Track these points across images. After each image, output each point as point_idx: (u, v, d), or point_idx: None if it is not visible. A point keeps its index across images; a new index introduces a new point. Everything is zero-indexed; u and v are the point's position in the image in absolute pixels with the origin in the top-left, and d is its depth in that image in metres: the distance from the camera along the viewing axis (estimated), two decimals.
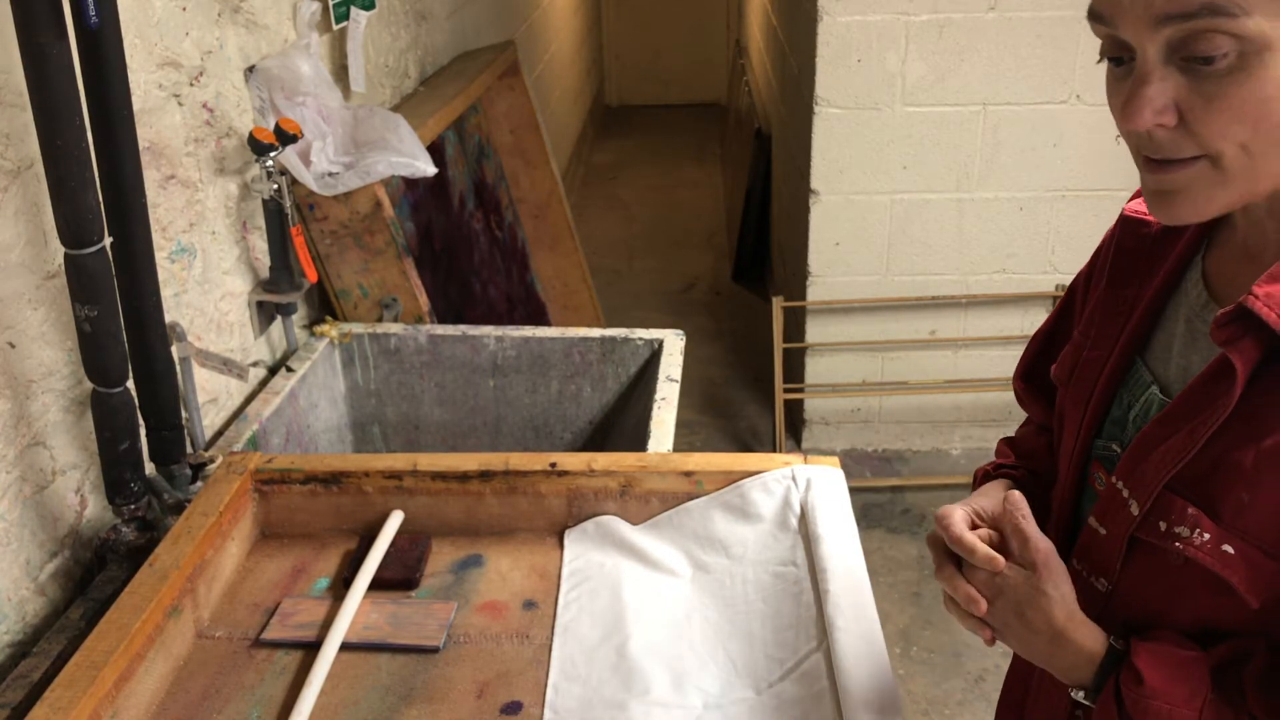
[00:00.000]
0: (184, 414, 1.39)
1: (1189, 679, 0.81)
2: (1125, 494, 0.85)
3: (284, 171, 1.68)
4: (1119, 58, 0.77)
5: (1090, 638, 0.85)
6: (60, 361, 1.27)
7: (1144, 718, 0.81)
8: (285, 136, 1.63)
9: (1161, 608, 0.85)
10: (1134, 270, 0.94)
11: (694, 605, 1.16)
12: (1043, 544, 0.86)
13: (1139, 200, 0.95)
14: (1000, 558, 0.88)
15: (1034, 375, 1.12)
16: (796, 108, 3.36)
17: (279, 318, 1.80)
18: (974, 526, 0.93)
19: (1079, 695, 0.87)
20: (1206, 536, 0.79)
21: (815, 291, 3.21)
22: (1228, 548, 0.78)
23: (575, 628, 1.12)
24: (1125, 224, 0.96)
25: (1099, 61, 0.80)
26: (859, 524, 1.28)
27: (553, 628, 1.13)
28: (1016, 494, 0.89)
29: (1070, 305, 1.08)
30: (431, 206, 2.40)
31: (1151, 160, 0.77)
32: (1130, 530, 0.85)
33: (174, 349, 1.39)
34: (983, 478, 1.09)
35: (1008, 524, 0.88)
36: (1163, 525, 0.82)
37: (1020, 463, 1.09)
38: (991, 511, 0.93)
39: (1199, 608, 0.83)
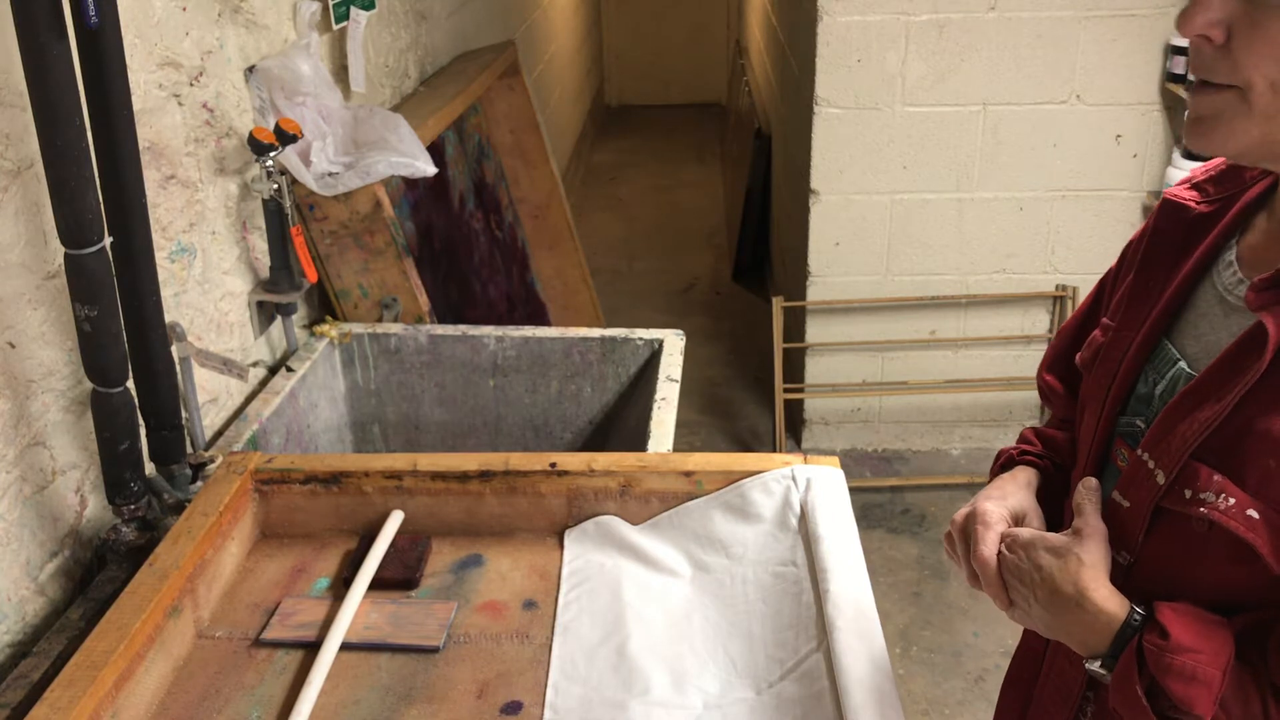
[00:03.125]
0: (184, 414, 1.39)
1: (1214, 637, 0.82)
2: (1151, 465, 0.86)
3: (284, 171, 1.68)
4: None
5: (1113, 602, 0.86)
6: (60, 361, 1.27)
7: (1166, 674, 0.81)
8: (285, 136, 1.63)
9: (1182, 579, 0.86)
10: (1167, 253, 0.95)
11: (694, 605, 1.16)
12: (1094, 520, 0.89)
13: (1181, 186, 0.98)
14: (1005, 595, 0.92)
15: (1058, 368, 1.13)
16: (796, 108, 3.36)
17: (279, 318, 1.80)
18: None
19: (1094, 665, 0.87)
20: (1232, 501, 0.80)
21: (815, 291, 3.21)
22: (1253, 512, 0.80)
23: (575, 628, 1.12)
24: (1164, 207, 0.97)
25: None
26: (859, 524, 1.28)
27: (553, 628, 1.13)
28: (1093, 480, 0.92)
29: (1098, 299, 1.09)
30: (431, 206, 2.40)
31: (1194, 84, 0.81)
32: (1155, 500, 0.86)
33: (174, 349, 1.39)
34: (1006, 462, 1.10)
35: (1075, 501, 0.92)
36: (1188, 493, 0.83)
37: (1047, 453, 1.10)
38: (1022, 511, 0.98)
39: (1219, 577, 0.84)
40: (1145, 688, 0.82)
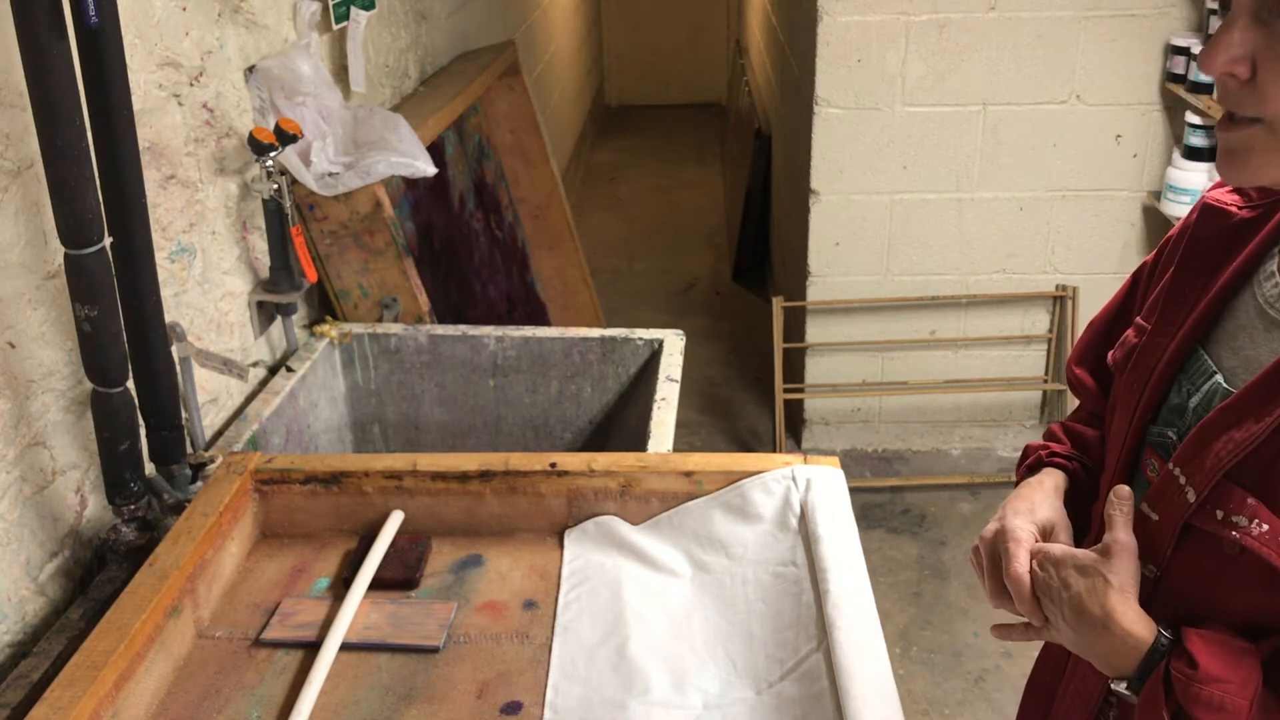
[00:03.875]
0: (184, 414, 1.39)
1: (1242, 667, 0.80)
2: (1182, 480, 0.85)
3: (284, 171, 1.68)
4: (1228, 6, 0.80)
5: (1140, 626, 0.84)
6: (60, 361, 1.27)
7: (1194, 704, 0.80)
8: (285, 136, 1.63)
9: (1210, 598, 0.85)
10: (1206, 259, 0.93)
11: (694, 605, 1.16)
12: (1123, 536, 0.87)
13: (1221, 189, 0.95)
14: (1040, 613, 0.91)
15: (1089, 361, 1.11)
16: (796, 108, 3.36)
17: (279, 318, 1.80)
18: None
19: (1120, 686, 0.86)
20: (1265, 527, 0.79)
21: (815, 291, 3.22)
22: None
23: (575, 628, 1.12)
24: (1204, 211, 0.95)
25: (1215, 12, 0.84)
26: (859, 524, 1.27)
27: (553, 628, 1.13)
28: (1125, 489, 0.90)
29: (1132, 292, 1.07)
30: (431, 206, 2.40)
31: (1223, 119, 0.80)
32: (1184, 517, 0.84)
33: (174, 349, 1.39)
34: (1034, 463, 1.08)
35: (1106, 512, 0.90)
36: (1219, 514, 0.82)
37: (1075, 454, 1.08)
38: (1050, 524, 0.97)
39: (1249, 600, 0.83)
40: (1172, 713, 0.81)
